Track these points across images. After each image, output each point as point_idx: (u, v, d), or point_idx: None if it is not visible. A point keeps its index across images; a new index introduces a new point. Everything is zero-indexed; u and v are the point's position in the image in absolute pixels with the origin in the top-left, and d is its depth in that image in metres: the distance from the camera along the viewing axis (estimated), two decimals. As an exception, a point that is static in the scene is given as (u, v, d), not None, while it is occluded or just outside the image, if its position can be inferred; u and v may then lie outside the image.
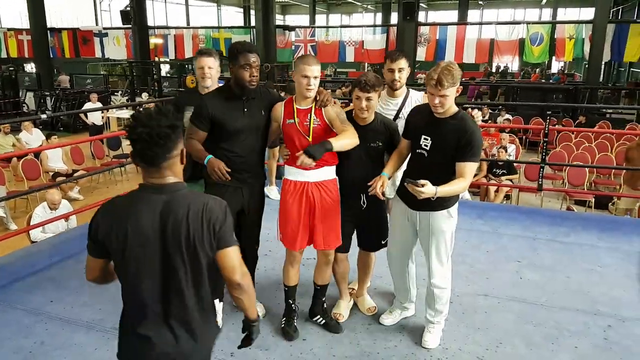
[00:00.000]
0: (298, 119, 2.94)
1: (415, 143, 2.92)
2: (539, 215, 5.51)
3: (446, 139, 2.76)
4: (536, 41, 15.85)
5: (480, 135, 2.80)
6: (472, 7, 30.41)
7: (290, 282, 3.20)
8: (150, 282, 1.73)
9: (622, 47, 14.34)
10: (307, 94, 2.90)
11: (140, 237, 1.69)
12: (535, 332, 3.24)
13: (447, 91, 2.66)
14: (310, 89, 2.89)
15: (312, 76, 2.87)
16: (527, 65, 24.16)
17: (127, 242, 1.69)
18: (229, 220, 1.78)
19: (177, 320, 1.76)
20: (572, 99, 13.97)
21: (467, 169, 2.73)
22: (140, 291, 1.73)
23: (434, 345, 3.09)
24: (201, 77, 3.44)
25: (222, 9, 36.85)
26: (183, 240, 1.69)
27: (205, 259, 1.74)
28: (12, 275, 3.96)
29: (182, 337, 1.77)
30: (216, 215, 1.73)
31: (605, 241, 4.67)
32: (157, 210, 1.70)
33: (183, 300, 1.75)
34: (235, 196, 3.02)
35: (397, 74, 3.21)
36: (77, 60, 23.06)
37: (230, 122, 2.96)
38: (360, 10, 38.53)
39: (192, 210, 1.70)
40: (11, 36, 22.12)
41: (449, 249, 3.01)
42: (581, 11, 30.52)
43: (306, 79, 2.86)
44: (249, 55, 2.92)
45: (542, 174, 5.84)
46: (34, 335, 3.20)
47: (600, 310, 3.50)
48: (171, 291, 1.74)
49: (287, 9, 39.62)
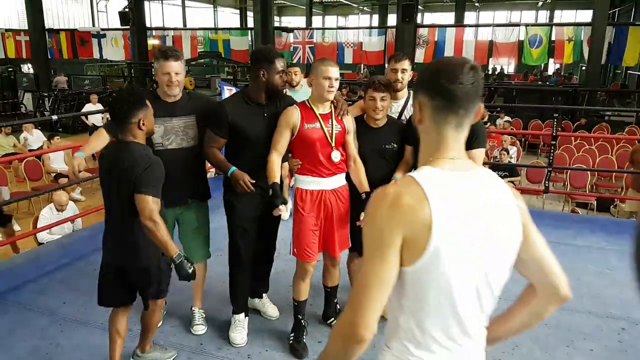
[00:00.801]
0: (322, 122, 2.91)
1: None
2: (544, 217, 5.53)
3: None
4: (535, 43, 15.88)
5: (483, 124, 2.91)
6: (469, 9, 30.51)
7: (302, 296, 3.12)
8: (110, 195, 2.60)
9: (621, 50, 14.41)
10: (329, 96, 2.88)
11: (103, 170, 2.64)
12: (549, 335, 3.26)
13: None
14: (332, 91, 2.87)
15: (334, 78, 2.86)
16: (526, 67, 24.21)
17: (101, 173, 2.66)
18: (150, 174, 2.43)
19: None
20: (572, 101, 14.03)
21: (476, 155, 2.90)
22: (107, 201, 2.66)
23: None
24: (167, 84, 2.96)
25: (219, 10, 36.80)
26: (122, 175, 2.47)
27: (129, 193, 2.45)
28: (23, 277, 3.95)
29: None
30: (142, 167, 2.43)
31: (613, 244, 4.70)
32: (116, 155, 2.55)
33: (123, 210, 2.53)
34: (256, 201, 3.03)
35: (400, 75, 3.24)
36: (75, 62, 22.95)
37: (250, 129, 2.97)
38: (356, 11, 38.57)
39: (132, 158, 2.46)
40: (9, 37, 21.97)
41: None
42: (578, 13, 30.68)
43: (328, 81, 2.84)
44: (283, 61, 2.97)
45: (548, 177, 5.87)
46: (50, 336, 3.21)
47: (612, 313, 3.53)
48: (114, 203, 2.58)
49: (283, 10, 39.60)
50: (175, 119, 3.03)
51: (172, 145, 3.04)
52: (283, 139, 2.91)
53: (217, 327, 3.31)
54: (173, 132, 3.03)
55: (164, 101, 3.02)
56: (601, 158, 9.31)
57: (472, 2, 30.84)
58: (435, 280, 1.24)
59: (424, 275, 1.23)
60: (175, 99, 3.04)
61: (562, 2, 30.30)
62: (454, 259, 1.22)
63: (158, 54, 2.99)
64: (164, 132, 3.01)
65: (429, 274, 1.23)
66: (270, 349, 3.15)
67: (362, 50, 19.23)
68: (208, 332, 3.27)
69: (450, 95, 1.25)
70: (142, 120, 2.53)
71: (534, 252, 1.37)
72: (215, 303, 3.52)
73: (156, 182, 2.48)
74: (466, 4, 27.52)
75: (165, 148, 3.01)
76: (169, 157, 2.90)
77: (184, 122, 3.05)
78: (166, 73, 2.93)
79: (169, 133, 3.02)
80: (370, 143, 3.12)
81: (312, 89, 2.96)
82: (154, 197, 2.43)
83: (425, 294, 1.26)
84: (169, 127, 3.02)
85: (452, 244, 1.21)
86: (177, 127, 3.04)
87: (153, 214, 2.40)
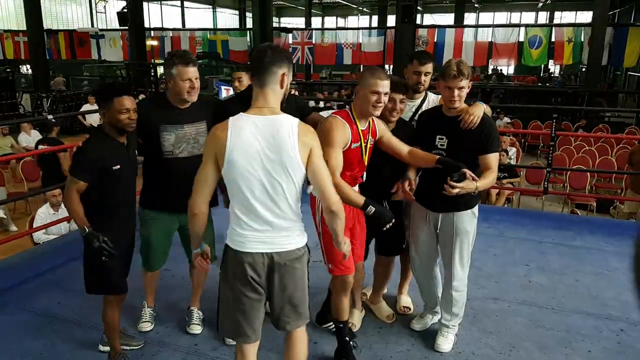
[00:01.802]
0: (362, 142, 2.72)
1: (429, 144, 2.90)
2: (543, 219, 5.52)
3: (464, 135, 2.77)
4: (535, 44, 15.90)
5: (496, 126, 2.84)
6: (468, 10, 30.51)
7: (345, 314, 2.91)
8: None
9: (621, 52, 14.40)
10: (375, 112, 2.64)
11: None
12: (547, 336, 3.23)
13: (465, 82, 2.71)
14: (379, 108, 2.62)
15: (384, 92, 2.60)
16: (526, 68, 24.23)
17: None
18: (80, 156, 2.71)
19: None
20: (572, 102, 14.03)
21: (492, 160, 2.79)
22: None
23: (447, 349, 3.07)
24: (188, 90, 2.86)
25: (218, 11, 36.79)
26: None
27: None
28: (18, 277, 3.92)
29: None
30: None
31: (613, 245, 4.68)
32: None
33: None
34: None
35: (423, 77, 3.15)
36: (73, 62, 22.95)
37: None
38: (355, 12, 38.57)
39: None
40: (7, 37, 22.00)
41: (470, 250, 3.01)
42: (578, 15, 30.70)
43: (376, 96, 2.58)
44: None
45: (548, 178, 5.84)
46: (44, 337, 3.18)
47: (611, 314, 3.50)
48: None
49: (282, 11, 39.60)
50: (187, 126, 2.94)
51: (183, 154, 2.95)
52: (339, 159, 2.58)
53: (213, 328, 3.27)
54: (184, 140, 2.94)
55: (176, 107, 2.93)
56: (601, 159, 9.29)
57: (471, 3, 30.83)
58: (233, 179, 2.07)
59: (227, 176, 2.08)
60: (187, 105, 2.95)
61: (562, 4, 30.31)
62: (242, 165, 2.03)
63: (177, 60, 2.84)
64: (176, 140, 2.93)
65: (230, 174, 2.07)
66: (266, 349, 3.11)
67: (362, 51, 19.23)
68: (203, 333, 3.24)
69: (253, 69, 2.14)
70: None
71: (313, 176, 2.12)
72: (211, 305, 3.48)
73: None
74: (466, 5, 27.53)
75: (175, 156, 2.94)
76: (179, 166, 2.89)
77: (196, 129, 2.97)
78: (187, 79, 2.84)
79: (181, 141, 2.94)
80: None
81: (357, 100, 2.71)
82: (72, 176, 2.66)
83: (232, 187, 2.11)
84: (181, 135, 2.93)
85: (241, 156, 2.02)
86: (189, 134, 2.95)
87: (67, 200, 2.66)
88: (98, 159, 2.65)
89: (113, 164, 2.68)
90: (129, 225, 2.92)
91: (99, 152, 2.67)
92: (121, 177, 2.74)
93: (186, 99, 2.91)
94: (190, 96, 2.89)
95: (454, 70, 2.68)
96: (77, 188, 2.64)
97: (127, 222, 2.90)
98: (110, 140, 2.72)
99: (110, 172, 2.67)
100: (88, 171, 2.64)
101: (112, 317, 2.84)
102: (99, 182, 2.67)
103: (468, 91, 2.79)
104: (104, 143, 2.71)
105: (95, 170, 2.65)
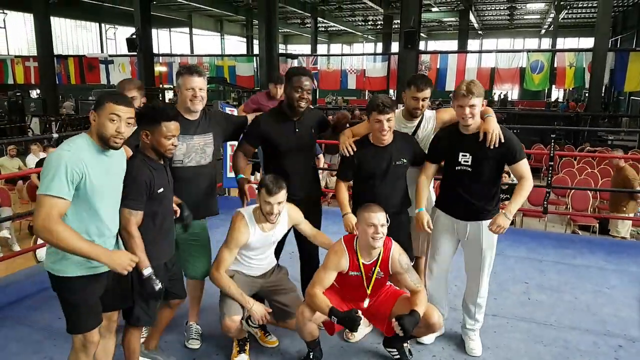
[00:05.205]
0: (364, 273, 2.89)
1: (452, 162, 3.03)
2: (544, 238, 5.52)
3: (488, 150, 2.89)
4: (536, 69, 16.04)
5: (512, 133, 2.98)
6: (472, 37, 30.85)
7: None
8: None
9: (623, 76, 14.49)
10: (375, 244, 2.78)
11: None
12: (545, 352, 3.23)
13: (476, 100, 2.83)
14: (378, 239, 2.76)
15: (380, 224, 2.75)
16: (529, 93, 24.41)
17: None
18: (133, 186, 2.46)
19: None
20: (574, 126, 14.08)
21: (524, 167, 2.95)
22: None
23: (480, 351, 3.17)
24: (190, 99, 2.97)
25: (226, 38, 37.38)
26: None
27: None
28: (19, 292, 3.96)
29: None
30: (127, 180, 2.46)
31: (612, 263, 4.68)
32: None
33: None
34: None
35: (421, 103, 3.18)
36: (82, 87, 23.29)
37: (281, 142, 3.11)
38: (360, 40, 39.08)
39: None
40: (18, 63, 22.42)
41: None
42: (580, 41, 30.98)
43: (373, 228, 2.75)
44: (302, 78, 3.04)
45: (547, 197, 5.87)
46: (43, 351, 3.20)
47: (609, 331, 3.49)
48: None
49: (289, 38, 40.24)
50: (196, 137, 3.05)
51: (191, 163, 3.06)
52: (329, 278, 2.88)
53: (212, 343, 3.29)
54: (193, 150, 3.05)
55: (186, 119, 3.00)
56: (603, 181, 9.27)
57: (475, 30, 31.19)
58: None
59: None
60: (196, 117, 3.06)
61: (564, 30, 30.62)
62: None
63: (183, 70, 3.01)
64: (187, 150, 3.02)
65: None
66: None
67: (366, 76, 19.42)
68: (202, 348, 3.25)
69: None
70: (144, 132, 2.57)
71: None
72: (210, 320, 3.50)
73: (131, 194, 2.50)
74: (469, 31, 27.85)
75: (184, 165, 3.04)
76: (187, 174, 3.00)
77: (204, 140, 3.08)
78: (190, 88, 2.94)
79: (190, 151, 3.04)
80: (380, 162, 3.09)
81: (358, 235, 2.89)
82: (130, 209, 2.47)
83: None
84: (191, 145, 3.03)
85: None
86: (197, 145, 3.06)
87: (131, 228, 2.46)
88: (147, 185, 2.51)
89: (158, 187, 2.57)
90: (171, 249, 2.83)
91: (146, 176, 2.52)
92: (164, 200, 2.65)
93: (190, 108, 2.99)
94: (193, 105, 2.98)
95: (463, 89, 2.83)
96: (137, 221, 2.49)
97: (170, 246, 2.81)
98: (151, 162, 2.59)
99: (154, 196, 2.56)
100: (141, 199, 2.49)
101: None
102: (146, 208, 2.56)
103: (482, 109, 2.93)
104: (146, 166, 2.55)
105: (145, 196, 2.51)
